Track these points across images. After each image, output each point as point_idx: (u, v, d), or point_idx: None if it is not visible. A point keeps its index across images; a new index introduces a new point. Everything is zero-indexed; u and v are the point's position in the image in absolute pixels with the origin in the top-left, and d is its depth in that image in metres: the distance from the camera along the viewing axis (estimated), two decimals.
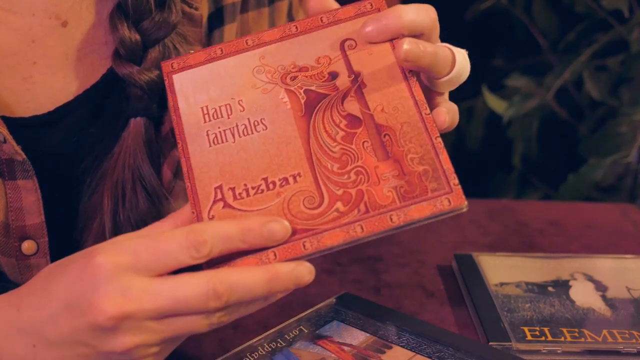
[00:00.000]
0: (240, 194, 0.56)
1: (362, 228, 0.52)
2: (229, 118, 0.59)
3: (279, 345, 0.64)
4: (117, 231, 0.66)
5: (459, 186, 0.53)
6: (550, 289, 0.75)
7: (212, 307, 0.50)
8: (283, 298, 0.75)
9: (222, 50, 0.61)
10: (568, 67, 1.48)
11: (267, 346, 0.64)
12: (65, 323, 0.51)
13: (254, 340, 0.64)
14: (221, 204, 0.55)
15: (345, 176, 0.54)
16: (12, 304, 0.54)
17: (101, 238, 0.66)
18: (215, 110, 0.59)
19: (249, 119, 0.58)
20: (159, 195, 0.68)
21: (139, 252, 0.50)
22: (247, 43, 0.61)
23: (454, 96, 0.63)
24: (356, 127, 0.56)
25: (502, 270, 0.78)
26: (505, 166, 1.64)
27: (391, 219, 0.52)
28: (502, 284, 0.75)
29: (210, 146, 0.58)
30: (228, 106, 0.59)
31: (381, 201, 0.53)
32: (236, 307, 0.51)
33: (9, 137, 0.63)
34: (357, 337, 0.64)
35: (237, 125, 0.58)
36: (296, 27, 0.61)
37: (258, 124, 0.58)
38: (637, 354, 0.66)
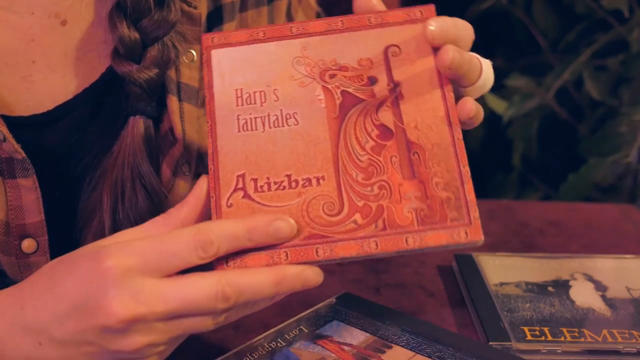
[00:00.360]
0: (261, 186, 0.55)
1: (376, 245, 0.53)
2: (261, 105, 0.58)
3: (279, 345, 0.64)
4: (116, 229, 0.66)
5: (479, 220, 0.53)
6: (550, 289, 0.75)
7: (220, 309, 0.50)
8: (283, 298, 0.75)
9: (264, 33, 0.61)
10: (568, 67, 1.48)
11: (267, 346, 0.64)
12: (73, 324, 0.52)
13: (254, 340, 0.64)
14: (241, 193, 0.55)
15: (369, 188, 0.55)
16: (15, 301, 0.54)
17: (100, 236, 0.66)
18: (250, 95, 0.59)
19: (281, 110, 0.58)
20: (158, 194, 0.68)
21: (147, 254, 0.51)
22: (291, 30, 0.61)
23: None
24: (387, 139, 0.56)
25: (502, 270, 0.78)
26: (505, 166, 1.64)
27: (406, 241, 0.53)
28: (502, 284, 0.75)
29: (239, 131, 0.57)
30: (263, 93, 0.59)
31: (400, 221, 0.53)
32: (242, 307, 0.52)
33: (9, 136, 0.63)
34: (357, 337, 0.64)
35: (268, 115, 0.58)
36: (342, 22, 0.60)
37: (290, 118, 0.58)
38: (637, 354, 0.66)
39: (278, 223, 0.52)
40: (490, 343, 0.67)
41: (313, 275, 0.53)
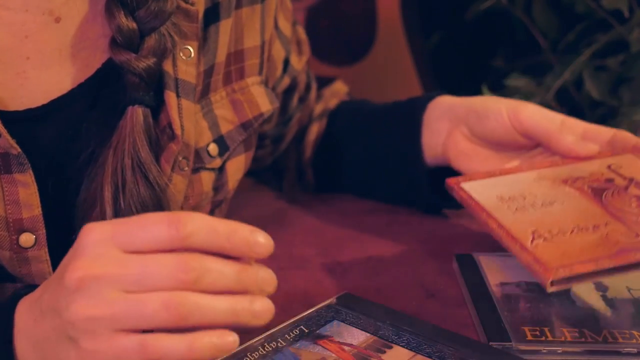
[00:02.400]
0: (557, 234, 0.65)
1: None
2: (524, 200, 0.70)
3: (279, 345, 0.64)
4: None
5: None
6: None
7: (182, 279, 0.48)
8: (283, 298, 0.75)
9: (499, 172, 0.75)
10: (568, 67, 1.48)
11: (267, 346, 0.63)
12: (51, 287, 0.52)
13: (254, 340, 0.64)
14: (541, 239, 0.64)
15: None
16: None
17: None
18: (510, 197, 0.71)
19: (543, 200, 0.70)
20: (158, 182, 0.68)
21: (119, 225, 0.50)
22: (521, 167, 0.75)
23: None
24: None
25: (502, 270, 0.77)
26: None
27: None
28: (502, 284, 0.75)
29: (514, 213, 0.68)
30: (521, 196, 0.71)
31: None
32: (202, 311, 0.49)
33: (4, 131, 0.63)
34: (357, 337, 0.64)
35: (534, 203, 0.69)
36: (562, 161, 0.76)
37: (554, 202, 0.69)
38: (637, 354, 0.66)
39: (258, 235, 0.51)
40: (490, 343, 0.67)
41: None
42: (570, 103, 1.59)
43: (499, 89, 1.55)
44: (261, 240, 0.51)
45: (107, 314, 0.49)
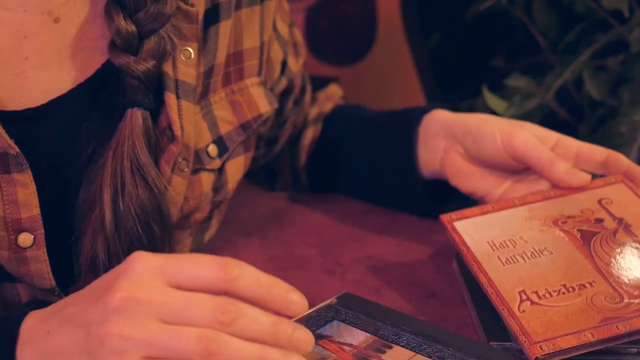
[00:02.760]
0: (543, 295, 0.65)
1: None
2: (514, 247, 0.71)
3: None
4: (117, 221, 0.67)
5: None
6: None
7: (218, 318, 0.50)
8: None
9: (492, 207, 0.76)
10: (568, 67, 1.48)
11: None
12: (82, 303, 0.53)
13: None
14: (528, 302, 0.65)
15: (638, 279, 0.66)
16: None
17: (101, 229, 0.67)
18: (501, 243, 0.71)
19: (533, 247, 0.70)
20: (157, 185, 0.68)
21: (169, 260, 0.52)
22: (514, 202, 0.76)
23: (454, 96, 0.64)
24: None
25: None
26: None
27: None
28: None
29: (504, 265, 0.69)
30: (511, 241, 0.71)
31: None
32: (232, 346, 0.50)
33: (2, 131, 0.63)
34: (357, 337, 0.64)
35: (524, 252, 0.70)
36: (554, 192, 0.77)
37: (543, 251, 0.70)
38: (637, 354, 0.66)
39: (294, 294, 0.53)
40: (490, 343, 0.67)
41: (307, 337, 0.53)
42: (570, 103, 1.58)
43: (499, 89, 1.55)
44: (297, 300, 0.53)
45: (140, 337, 0.50)
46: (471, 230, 0.73)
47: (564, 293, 0.65)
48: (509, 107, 1.50)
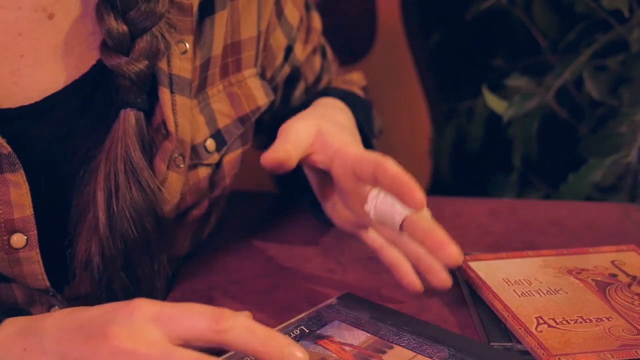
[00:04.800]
0: (560, 322, 0.67)
1: None
2: (530, 285, 0.72)
3: None
4: (111, 223, 0.66)
5: None
6: None
7: (215, 328, 0.51)
8: (283, 298, 0.75)
9: (507, 255, 0.78)
10: (568, 67, 1.47)
11: None
12: (68, 336, 0.52)
13: None
14: (545, 325, 0.66)
15: None
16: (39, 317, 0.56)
17: (95, 230, 0.67)
18: (516, 281, 0.73)
19: (548, 287, 0.72)
20: (151, 187, 0.68)
21: (166, 307, 0.53)
22: (527, 253, 0.79)
23: (454, 96, 0.63)
24: None
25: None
26: (505, 166, 1.64)
27: None
28: None
29: (519, 297, 0.70)
30: (527, 280, 0.73)
31: None
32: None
33: None
34: (358, 337, 0.64)
35: (539, 289, 0.72)
36: (567, 251, 0.79)
37: (559, 290, 0.72)
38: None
39: (294, 349, 0.52)
40: (491, 344, 0.67)
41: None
42: (570, 103, 1.59)
43: (499, 89, 1.55)
44: (298, 355, 0.52)
45: None
46: (485, 269, 0.75)
47: (581, 322, 0.67)
48: (509, 107, 1.50)
